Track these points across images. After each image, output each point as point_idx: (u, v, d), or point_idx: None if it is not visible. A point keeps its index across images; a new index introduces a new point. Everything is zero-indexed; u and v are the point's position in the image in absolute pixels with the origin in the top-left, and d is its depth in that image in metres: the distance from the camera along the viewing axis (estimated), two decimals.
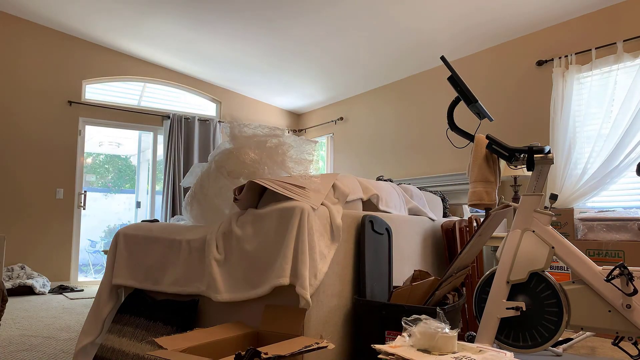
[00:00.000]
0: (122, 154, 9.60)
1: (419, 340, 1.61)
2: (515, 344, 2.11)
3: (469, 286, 2.61)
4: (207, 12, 4.48)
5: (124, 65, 5.78)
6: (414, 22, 4.23)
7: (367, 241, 1.98)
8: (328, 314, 1.83)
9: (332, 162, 6.58)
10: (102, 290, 2.24)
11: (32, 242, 5.06)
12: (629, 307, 1.91)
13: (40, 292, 4.56)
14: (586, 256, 2.23)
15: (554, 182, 3.70)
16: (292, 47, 5.04)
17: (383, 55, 4.97)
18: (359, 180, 2.35)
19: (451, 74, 2.24)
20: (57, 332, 2.90)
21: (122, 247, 2.27)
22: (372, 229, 2.06)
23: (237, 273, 1.85)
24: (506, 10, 3.88)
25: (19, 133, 5.06)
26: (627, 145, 3.35)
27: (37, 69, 5.20)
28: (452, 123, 2.36)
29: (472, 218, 2.71)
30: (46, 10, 4.89)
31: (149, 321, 2.02)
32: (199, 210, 2.20)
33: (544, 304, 2.07)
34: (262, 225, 1.83)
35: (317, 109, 6.98)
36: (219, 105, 6.56)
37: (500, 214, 2.12)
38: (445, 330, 1.60)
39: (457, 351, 1.62)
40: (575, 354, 2.35)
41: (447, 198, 4.05)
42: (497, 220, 2.13)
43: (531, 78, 4.14)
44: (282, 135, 2.09)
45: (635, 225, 2.81)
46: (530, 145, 2.11)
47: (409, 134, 5.36)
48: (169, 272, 2.07)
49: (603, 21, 3.67)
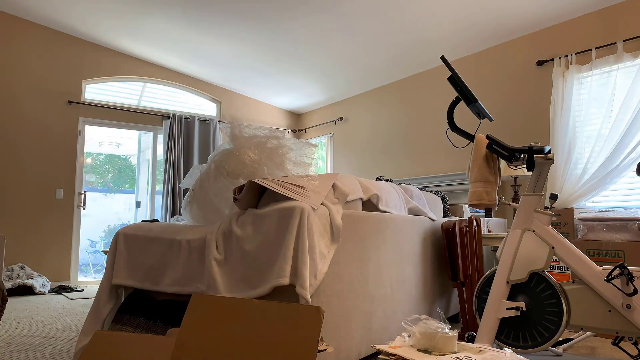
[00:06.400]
0: (122, 154, 9.60)
1: (419, 341, 1.61)
2: (515, 344, 2.11)
3: (468, 286, 2.61)
4: (207, 12, 4.48)
5: (124, 65, 5.78)
6: (414, 21, 4.23)
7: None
8: (328, 314, 1.83)
9: (332, 162, 6.58)
10: (102, 290, 2.24)
11: (32, 242, 5.06)
12: (629, 307, 1.91)
13: (40, 292, 4.56)
14: (586, 256, 2.23)
15: (554, 182, 3.70)
16: (292, 47, 5.04)
17: (383, 55, 4.97)
18: (359, 180, 2.34)
19: (451, 73, 2.24)
20: (57, 332, 2.90)
21: (122, 247, 2.27)
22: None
23: (237, 273, 1.85)
24: (506, 10, 3.88)
25: (19, 133, 5.06)
26: (627, 145, 3.35)
27: (37, 69, 5.20)
28: (452, 123, 2.36)
29: (472, 218, 2.71)
30: (46, 10, 4.89)
31: (149, 321, 2.02)
32: (198, 210, 2.20)
33: (544, 304, 2.07)
34: (262, 225, 1.83)
35: (317, 109, 6.98)
36: (219, 105, 6.56)
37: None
38: (445, 331, 1.60)
39: (457, 351, 1.62)
40: (575, 354, 2.35)
41: (447, 198, 4.05)
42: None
43: (531, 78, 4.14)
44: (282, 137, 2.09)
45: (635, 225, 2.81)
46: (530, 145, 2.11)
47: (409, 134, 5.36)
48: (168, 272, 2.07)
49: (603, 21, 3.67)
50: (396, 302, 2.32)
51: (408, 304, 2.44)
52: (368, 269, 2.11)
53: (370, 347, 2.04)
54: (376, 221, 2.23)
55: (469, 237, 2.66)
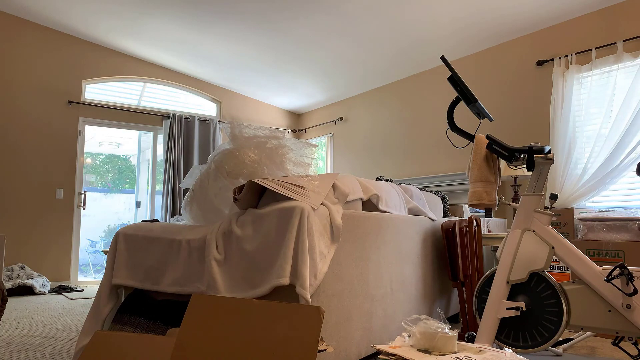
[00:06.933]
0: (122, 154, 9.60)
1: (419, 341, 1.61)
2: (515, 344, 2.11)
3: (468, 286, 2.61)
4: (207, 12, 4.48)
5: (124, 65, 5.78)
6: (414, 21, 4.23)
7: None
8: (328, 314, 1.83)
9: (332, 162, 6.58)
10: (102, 290, 2.24)
11: (32, 242, 5.06)
12: (629, 307, 1.91)
13: (40, 292, 4.56)
14: (586, 256, 2.23)
15: (554, 182, 3.70)
16: (292, 47, 5.04)
17: (383, 55, 4.98)
18: (359, 180, 2.34)
19: (451, 73, 2.24)
20: (57, 332, 2.90)
21: (122, 247, 2.27)
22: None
23: (237, 273, 1.85)
24: (506, 10, 3.88)
25: (19, 133, 5.06)
26: (627, 145, 3.35)
27: (37, 69, 5.20)
28: (452, 123, 2.36)
29: (472, 218, 2.71)
30: (46, 10, 4.89)
31: (149, 321, 2.02)
32: (198, 210, 2.20)
33: (544, 304, 2.07)
34: (262, 225, 1.83)
35: (317, 109, 6.98)
36: (219, 105, 6.56)
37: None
38: (445, 331, 1.60)
39: (457, 351, 1.62)
40: (575, 354, 2.35)
41: (447, 198, 4.05)
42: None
43: (531, 78, 4.14)
44: (282, 137, 2.10)
45: (635, 225, 2.81)
46: (530, 145, 2.11)
47: (409, 134, 5.36)
48: (168, 272, 2.07)
49: (603, 21, 3.67)
50: (396, 302, 2.32)
51: (408, 304, 2.44)
52: (368, 269, 2.11)
53: (370, 347, 2.04)
54: (376, 221, 2.23)
55: (469, 237, 2.66)
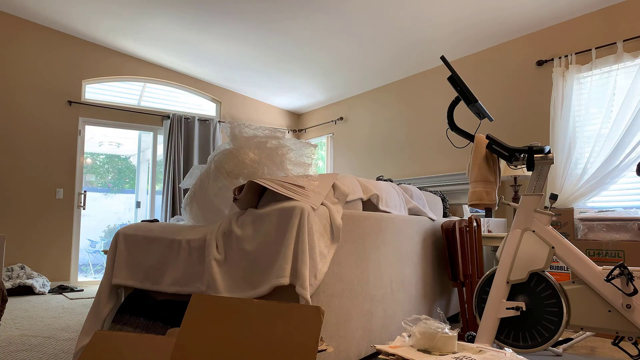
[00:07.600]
0: (122, 154, 9.60)
1: (419, 341, 1.61)
2: (515, 344, 2.11)
3: (468, 286, 2.61)
4: (207, 12, 4.48)
5: (124, 65, 5.78)
6: (414, 21, 4.23)
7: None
8: (328, 314, 1.83)
9: (332, 162, 6.58)
10: (102, 290, 2.24)
11: (32, 242, 5.06)
12: (629, 307, 1.91)
13: (40, 292, 4.56)
14: (586, 256, 2.23)
15: (554, 182, 3.70)
16: (292, 47, 5.04)
17: (383, 55, 4.97)
18: (359, 180, 2.34)
19: (451, 73, 2.24)
20: (57, 332, 2.90)
21: (122, 247, 2.27)
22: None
23: (237, 273, 1.85)
24: (506, 10, 3.88)
25: (19, 133, 5.06)
26: (627, 145, 3.35)
27: (37, 69, 5.20)
28: (452, 123, 2.36)
29: (472, 218, 2.71)
30: (46, 10, 4.89)
31: (149, 321, 2.02)
32: (198, 210, 2.20)
33: (544, 304, 2.07)
34: (262, 225, 1.83)
35: (317, 109, 6.98)
36: (219, 105, 6.56)
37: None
38: (445, 331, 1.60)
39: (457, 351, 1.62)
40: (575, 354, 2.35)
41: (447, 198, 4.05)
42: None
43: (531, 78, 4.14)
44: (282, 137, 2.10)
45: (635, 225, 2.81)
46: (530, 145, 2.12)
47: (409, 134, 5.36)
48: (168, 272, 2.07)
49: (603, 21, 3.67)
50: (396, 302, 2.32)
51: (408, 304, 2.44)
52: (368, 269, 2.11)
53: (370, 347, 2.04)
54: (376, 221, 2.23)
55: (469, 237, 2.66)
